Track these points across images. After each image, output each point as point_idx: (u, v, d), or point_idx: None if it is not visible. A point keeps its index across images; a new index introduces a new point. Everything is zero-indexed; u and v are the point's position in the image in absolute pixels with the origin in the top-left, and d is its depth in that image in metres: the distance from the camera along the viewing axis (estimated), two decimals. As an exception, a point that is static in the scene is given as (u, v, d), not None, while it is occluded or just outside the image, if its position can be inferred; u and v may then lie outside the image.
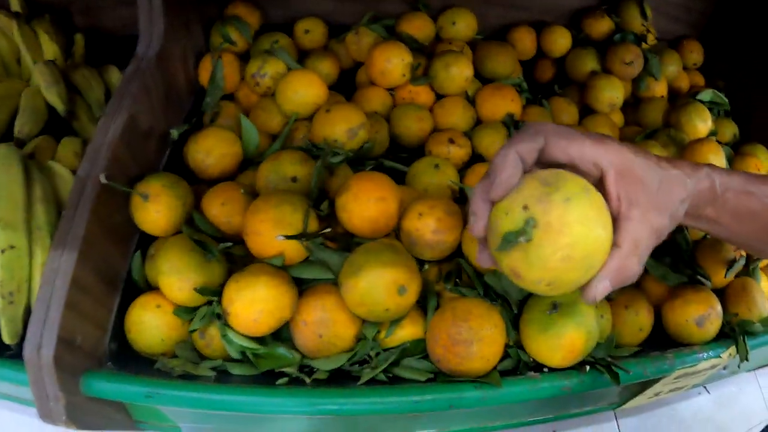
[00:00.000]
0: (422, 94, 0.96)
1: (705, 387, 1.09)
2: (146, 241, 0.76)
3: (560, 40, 1.08)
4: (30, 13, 0.97)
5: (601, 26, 1.12)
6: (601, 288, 0.46)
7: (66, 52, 0.98)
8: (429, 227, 0.70)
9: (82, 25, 1.03)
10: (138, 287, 0.74)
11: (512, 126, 0.93)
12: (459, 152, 0.88)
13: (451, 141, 0.88)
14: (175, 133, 0.82)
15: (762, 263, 0.89)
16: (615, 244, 0.46)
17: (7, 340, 0.66)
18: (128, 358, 0.71)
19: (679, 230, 0.83)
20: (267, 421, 0.74)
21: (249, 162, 0.84)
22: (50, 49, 0.95)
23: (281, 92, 0.85)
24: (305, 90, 0.84)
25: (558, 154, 0.47)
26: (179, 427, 0.76)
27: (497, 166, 0.46)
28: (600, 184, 0.47)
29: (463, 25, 1.04)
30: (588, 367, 0.67)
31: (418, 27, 1.01)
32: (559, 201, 0.43)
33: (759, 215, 0.53)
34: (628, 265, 0.46)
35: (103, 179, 0.65)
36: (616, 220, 0.46)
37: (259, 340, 0.67)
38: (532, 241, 0.43)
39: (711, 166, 0.53)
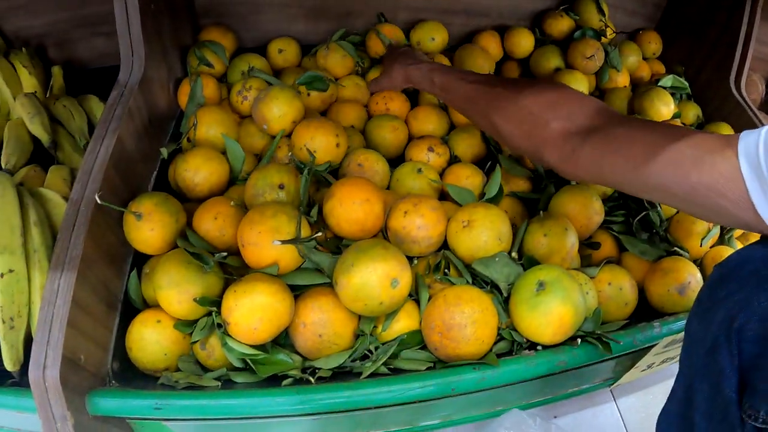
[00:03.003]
0: (396, 103, 1.00)
1: (695, 361, 1.11)
2: (140, 261, 0.78)
3: (523, 41, 1.13)
4: (6, 47, 0.99)
5: (561, 25, 1.17)
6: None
7: (44, 86, 1.00)
8: (415, 224, 0.73)
9: (58, 59, 1.05)
10: (134, 307, 0.75)
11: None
12: (439, 160, 0.91)
13: (431, 149, 0.91)
14: (164, 152, 0.84)
15: (736, 233, 0.93)
16: None
17: (9, 366, 0.67)
18: (131, 377, 0.72)
19: (652, 207, 0.87)
20: (273, 426, 0.75)
21: (234, 181, 0.86)
22: (29, 82, 0.97)
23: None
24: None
25: None
26: (186, 441, 0.77)
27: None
28: None
29: (440, 40, 1.11)
30: (579, 341, 0.70)
31: (389, 31, 1.09)
32: None
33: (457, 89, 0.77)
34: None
35: (98, 199, 0.67)
36: None
37: (260, 346, 0.68)
38: None
39: (436, 68, 0.84)
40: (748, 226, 0.48)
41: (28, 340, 0.68)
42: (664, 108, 1.05)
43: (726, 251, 0.87)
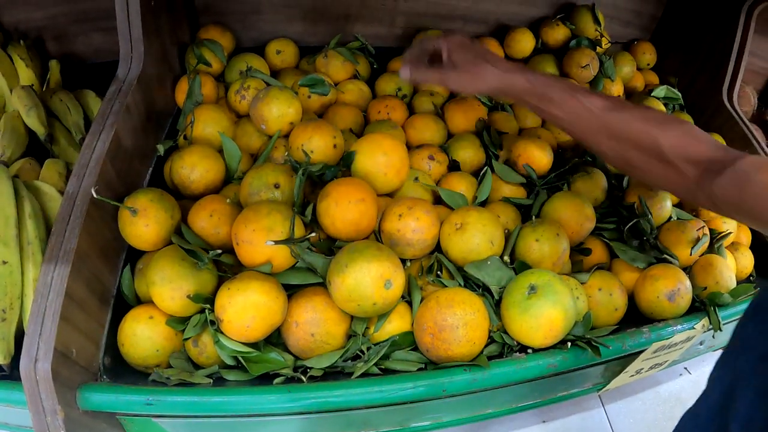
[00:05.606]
0: (398, 112, 1.00)
1: (686, 368, 1.13)
2: (134, 257, 0.78)
3: (524, 41, 1.15)
4: (5, 39, 0.98)
5: (557, 34, 1.18)
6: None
7: (41, 79, 0.99)
8: (409, 227, 0.74)
9: (55, 52, 1.05)
10: (127, 303, 0.75)
11: (484, 131, 0.96)
12: (439, 168, 0.90)
13: (431, 158, 0.90)
14: (161, 149, 0.84)
15: (726, 241, 0.94)
16: None
17: (-1, 359, 0.67)
18: (122, 373, 0.72)
19: (643, 215, 0.88)
20: (263, 425, 0.75)
21: (230, 180, 0.86)
22: (26, 75, 0.96)
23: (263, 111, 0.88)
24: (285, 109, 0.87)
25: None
26: (176, 439, 0.76)
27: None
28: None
29: None
30: (569, 344, 0.71)
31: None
32: None
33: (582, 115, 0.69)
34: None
35: (94, 193, 0.67)
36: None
37: (252, 344, 0.69)
38: None
39: (538, 74, 0.72)
40: None
41: (20, 334, 0.68)
42: (657, 118, 1.06)
43: (716, 260, 0.88)
